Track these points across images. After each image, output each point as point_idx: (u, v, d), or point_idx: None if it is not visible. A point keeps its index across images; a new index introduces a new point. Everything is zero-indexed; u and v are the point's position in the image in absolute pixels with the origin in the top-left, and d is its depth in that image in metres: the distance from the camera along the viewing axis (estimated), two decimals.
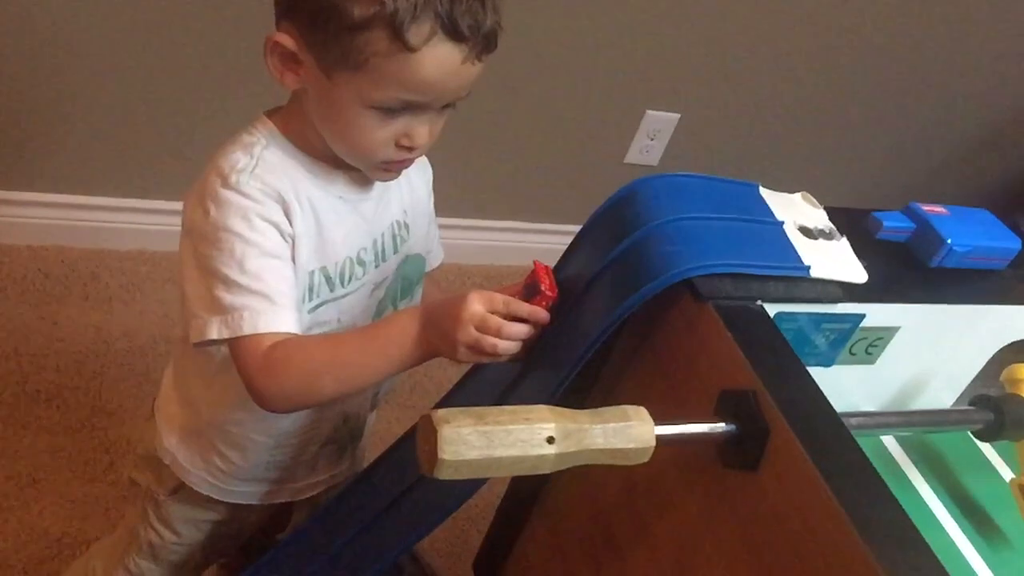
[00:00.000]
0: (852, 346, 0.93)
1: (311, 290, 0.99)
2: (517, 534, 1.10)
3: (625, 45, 2.11)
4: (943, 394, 1.05)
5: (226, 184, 0.92)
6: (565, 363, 0.89)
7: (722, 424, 0.77)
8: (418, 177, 1.12)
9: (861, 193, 2.63)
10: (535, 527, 1.08)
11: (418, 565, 1.11)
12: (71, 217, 1.99)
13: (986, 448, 1.06)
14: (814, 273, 0.87)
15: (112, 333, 1.89)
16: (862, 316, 0.91)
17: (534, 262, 0.93)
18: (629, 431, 0.73)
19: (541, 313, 0.89)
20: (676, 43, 2.14)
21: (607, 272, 0.89)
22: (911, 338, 0.96)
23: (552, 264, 0.95)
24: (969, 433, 1.02)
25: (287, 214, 0.94)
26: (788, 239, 0.90)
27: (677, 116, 2.27)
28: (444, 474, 0.68)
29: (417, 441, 0.70)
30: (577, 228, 0.96)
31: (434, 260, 1.19)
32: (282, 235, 0.94)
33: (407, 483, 1.02)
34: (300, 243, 0.96)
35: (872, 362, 0.97)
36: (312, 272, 0.98)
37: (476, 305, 0.86)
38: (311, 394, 0.93)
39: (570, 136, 2.26)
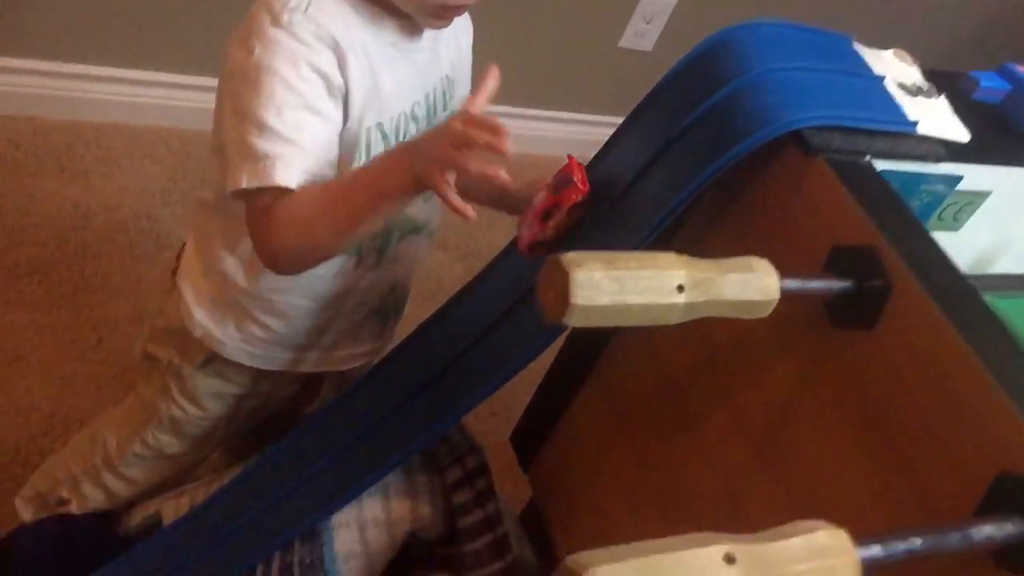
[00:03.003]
0: (942, 211, 0.90)
1: (367, 148, 0.93)
2: (566, 404, 1.06)
3: None
4: (1013, 265, 1.03)
5: (276, 22, 0.86)
6: (643, 226, 0.85)
7: (839, 280, 0.74)
8: (463, 33, 1.08)
9: None
10: (588, 395, 1.04)
11: (464, 434, 1.07)
12: (43, 85, 1.85)
13: None
14: (921, 129, 0.84)
15: (91, 208, 1.79)
16: (959, 178, 0.87)
17: (568, 156, 0.90)
18: (757, 282, 0.69)
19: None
20: None
21: (695, 127, 0.84)
22: (999, 204, 0.93)
23: (578, 162, 0.91)
24: None
25: (340, 63, 0.88)
26: (890, 94, 0.86)
27: None
28: (575, 320, 0.63)
29: (539, 287, 0.65)
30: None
31: None
32: (329, 89, 0.88)
33: (459, 349, 0.98)
34: (354, 93, 0.90)
35: (957, 229, 0.94)
36: (368, 128, 0.93)
37: (455, 123, 0.81)
38: (311, 245, 0.88)
39: (562, 19, 2.17)
